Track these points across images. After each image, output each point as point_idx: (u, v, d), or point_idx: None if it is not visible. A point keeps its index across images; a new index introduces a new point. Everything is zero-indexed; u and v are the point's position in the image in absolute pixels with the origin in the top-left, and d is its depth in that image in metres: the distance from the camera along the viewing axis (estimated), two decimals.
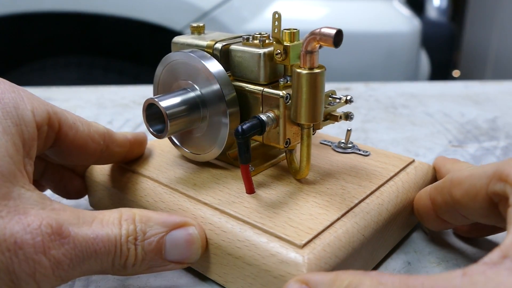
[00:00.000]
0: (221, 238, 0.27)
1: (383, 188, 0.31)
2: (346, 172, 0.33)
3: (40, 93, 0.71)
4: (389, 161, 0.34)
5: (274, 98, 0.29)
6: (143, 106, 0.30)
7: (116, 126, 0.57)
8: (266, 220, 0.27)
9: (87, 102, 0.67)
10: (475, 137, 0.53)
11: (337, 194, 0.30)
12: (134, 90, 0.73)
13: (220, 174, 0.32)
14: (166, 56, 0.32)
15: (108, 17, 1.03)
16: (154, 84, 0.34)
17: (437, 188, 0.29)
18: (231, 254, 0.26)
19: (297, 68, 0.27)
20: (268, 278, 0.25)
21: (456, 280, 0.16)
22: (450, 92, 0.71)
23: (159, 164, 0.34)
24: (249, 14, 1.03)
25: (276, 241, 0.25)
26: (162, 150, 0.36)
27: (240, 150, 0.28)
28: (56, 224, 0.22)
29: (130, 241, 0.24)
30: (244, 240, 0.26)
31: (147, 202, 0.31)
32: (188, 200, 0.30)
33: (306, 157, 0.30)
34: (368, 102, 0.66)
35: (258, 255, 0.25)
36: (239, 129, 0.27)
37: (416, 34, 1.11)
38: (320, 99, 0.28)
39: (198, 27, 0.34)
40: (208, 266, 0.28)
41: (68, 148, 0.28)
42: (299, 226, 0.26)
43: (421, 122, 0.58)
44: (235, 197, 0.29)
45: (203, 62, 0.30)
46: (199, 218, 0.28)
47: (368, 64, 1.06)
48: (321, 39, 0.25)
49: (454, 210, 0.27)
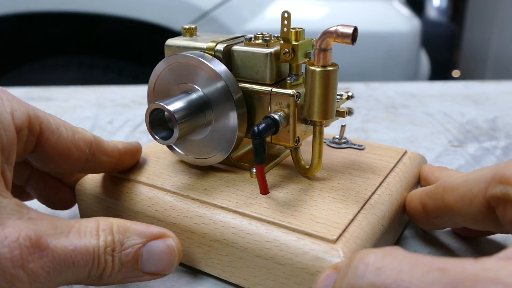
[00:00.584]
0: (247, 241, 0.26)
1: (388, 179, 0.32)
2: (349, 166, 0.33)
3: (40, 93, 0.71)
4: (385, 153, 0.35)
5: (284, 97, 0.29)
6: (146, 113, 0.29)
7: (116, 126, 0.57)
8: (291, 219, 0.27)
9: (87, 102, 0.67)
10: (475, 137, 0.53)
11: (349, 188, 0.30)
12: (134, 90, 0.73)
13: (228, 177, 0.32)
14: (163, 60, 0.31)
15: (108, 17, 1.03)
16: (149, 92, 0.32)
17: (428, 194, 0.28)
18: (260, 256, 0.26)
19: (310, 66, 0.28)
20: (303, 275, 0.25)
21: (468, 264, 0.16)
22: (450, 92, 0.71)
23: (159, 171, 0.33)
24: (249, 14, 1.03)
25: (307, 238, 0.26)
26: (157, 156, 0.35)
27: (257, 151, 0.28)
28: (34, 236, 0.21)
29: (108, 252, 0.23)
30: (273, 240, 0.26)
31: (156, 211, 0.30)
32: (203, 206, 0.29)
33: (318, 154, 0.30)
34: (368, 102, 0.66)
35: (291, 254, 0.25)
36: (255, 130, 0.27)
37: (416, 34, 1.11)
38: (333, 96, 0.28)
39: (190, 29, 0.33)
40: (232, 271, 0.27)
41: (50, 154, 0.27)
42: (325, 221, 0.27)
43: (421, 122, 0.58)
44: (251, 198, 0.29)
45: (207, 63, 0.29)
46: (219, 223, 0.28)
47: (368, 64, 1.06)
48: (339, 37, 0.26)
49: (445, 216, 0.27)
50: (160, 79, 0.32)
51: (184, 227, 0.28)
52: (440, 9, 2.48)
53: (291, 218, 0.27)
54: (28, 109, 0.25)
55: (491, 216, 0.24)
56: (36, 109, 0.26)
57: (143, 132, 0.55)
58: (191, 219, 0.28)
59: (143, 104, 0.66)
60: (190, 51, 0.31)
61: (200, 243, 0.28)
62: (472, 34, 2.42)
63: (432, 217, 0.29)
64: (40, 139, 0.26)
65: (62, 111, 0.63)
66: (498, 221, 0.24)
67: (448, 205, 0.26)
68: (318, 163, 0.31)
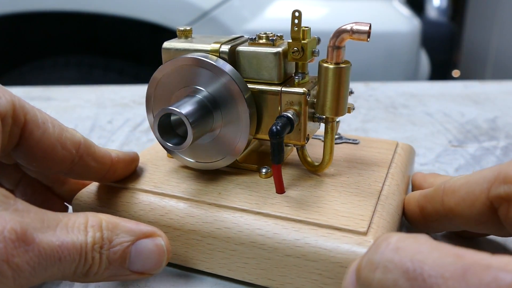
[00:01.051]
0: (276, 241, 0.26)
1: (391, 170, 0.33)
2: (351, 160, 0.34)
3: (40, 93, 0.71)
4: (380, 146, 0.37)
5: (295, 96, 0.29)
6: (155, 119, 0.28)
7: (116, 125, 0.57)
8: (316, 215, 0.27)
9: (87, 101, 0.67)
10: (475, 137, 0.53)
11: (359, 181, 0.31)
12: (134, 90, 0.73)
13: (237, 179, 0.31)
14: (165, 64, 0.30)
15: (108, 16, 1.03)
16: (147, 99, 0.31)
17: (426, 197, 0.28)
18: (291, 255, 0.26)
19: (324, 63, 0.28)
20: (337, 269, 0.25)
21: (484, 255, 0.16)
22: (450, 92, 0.71)
23: (164, 178, 0.32)
24: (249, 14, 1.03)
25: (337, 232, 0.26)
26: (155, 164, 0.34)
27: (275, 151, 0.28)
28: (20, 229, 0.20)
29: (96, 249, 0.23)
30: (303, 238, 0.26)
31: (171, 220, 0.29)
32: (222, 210, 0.28)
33: (330, 150, 0.31)
34: (368, 102, 0.66)
35: (324, 249, 0.25)
36: (274, 130, 0.27)
37: (416, 34, 1.11)
38: (346, 92, 0.29)
39: (185, 31, 0.32)
40: (258, 273, 0.27)
41: (34, 149, 0.26)
42: (350, 215, 0.27)
43: (421, 122, 0.58)
44: (269, 198, 0.29)
45: (215, 63, 0.29)
46: (243, 226, 0.27)
47: (368, 64, 1.06)
48: (355, 35, 0.27)
49: (445, 219, 0.27)
50: (161, 84, 0.31)
51: (205, 233, 0.28)
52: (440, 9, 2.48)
53: (316, 215, 0.27)
54: (13, 98, 0.24)
55: (493, 218, 0.24)
56: (22, 100, 0.25)
57: (143, 132, 0.55)
58: (212, 225, 0.28)
59: (143, 103, 0.66)
60: (192, 53, 0.30)
61: (223, 248, 0.28)
62: (472, 34, 2.42)
63: (430, 221, 0.28)
64: (24, 131, 0.25)
65: (62, 110, 0.63)
66: (499, 224, 0.24)
67: (449, 208, 0.26)
68: (330, 159, 0.31)
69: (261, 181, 0.31)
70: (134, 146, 0.51)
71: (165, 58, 0.31)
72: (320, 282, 0.26)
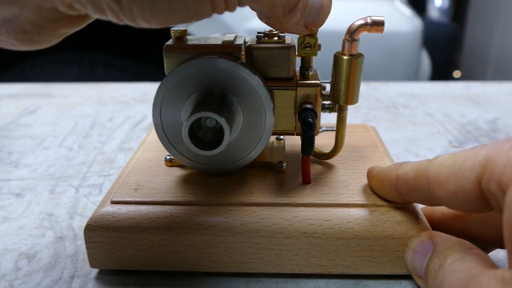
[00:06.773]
0: (328, 227, 0.27)
1: (381, 149, 0.36)
2: (345, 146, 0.34)
3: (41, 89, 0.71)
4: (358, 130, 0.40)
5: (312, 89, 0.30)
6: (186, 126, 0.26)
7: (116, 123, 0.57)
8: (355, 197, 0.29)
9: (88, 98, 0.67)
10: (475, 137, 0.53)
11: (366, 162, 0.33)
12: (134, 87, 0.73)
13: (258, 176, 0.31)
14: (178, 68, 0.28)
15: None
16: (156, 104, 0.29)
17: (408, 184, 0.26)
18: (344, 237, 0.27)
19: (339, 55, 0.30)
20: (388, 242, 0.27)
21: None
22: (451, 92, 0.71)
23: (181, 187, 0.30)
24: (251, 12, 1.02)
25: (381, 208, 0.28)
26: (155, 175, 0.32)
27: (309, 143, 0.30)
28: None
29: None
30: (354, 219, 0.27)
31: (213, 227, 0.27)
32: (265, 208, 0.28)
33: (342, 137, 0.33)
34: (368, 102, 0.66)
35: (375, 226, 0.27)
36: (312, 122, 0.29)
37: (417, 34, 1.11)
38: (359, 82, 0.30)
39: (180, 32, 0.30)
40: (309, 262, 0.28)
41: None
42: None
43: (421, 122, 0.58)
44: (301, 189, 0.30)
45: (237, 63, 0.28)
46: (292, 219, 0.27)
47: (369, 64, 1.06)
48: (373, 27, 0.28)
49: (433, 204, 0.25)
50: (171, 89, 0.29)
51: (252, 234, 0.27)
52: (441, 9, 2.48)
53: (355, 197, 0.29)
54: None
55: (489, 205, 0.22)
56: None
57: (143, 130, 0.55)
58: (259, 224, 0.27)
59: (143, 101, 0.66)
60: (205, 55, 0.28)
61: (273, 245, 0.27)
62: (474, 35, 2.42)
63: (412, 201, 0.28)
64: None
65: (62, 107, 0.63)
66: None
67: (438, 199, 0.24)
68: (341, 145, 0.33)
69: (279, 175, 0.32)
70: (134, 144, 0.51)
71: (168, 61, 0.29)
72: (371, 257, 0.27)
